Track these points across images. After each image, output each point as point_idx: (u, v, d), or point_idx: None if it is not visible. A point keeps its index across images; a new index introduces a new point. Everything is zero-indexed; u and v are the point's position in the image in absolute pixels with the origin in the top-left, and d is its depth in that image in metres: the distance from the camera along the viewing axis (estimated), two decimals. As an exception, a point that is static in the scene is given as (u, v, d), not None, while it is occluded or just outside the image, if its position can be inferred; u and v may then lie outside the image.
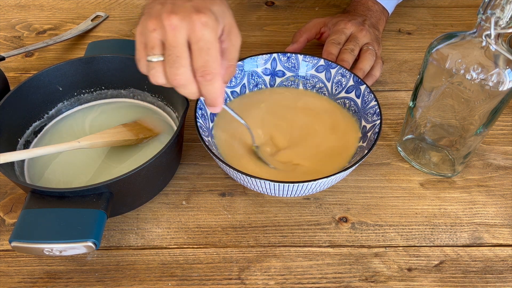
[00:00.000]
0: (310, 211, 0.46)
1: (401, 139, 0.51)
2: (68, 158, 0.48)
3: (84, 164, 0.47)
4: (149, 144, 0.49)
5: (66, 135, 0.50)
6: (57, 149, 0.43)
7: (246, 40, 0.67)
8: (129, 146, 0.49)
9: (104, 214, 0.38)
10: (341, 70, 0.51)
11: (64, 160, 0.47)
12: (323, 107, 0.52)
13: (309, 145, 0.48)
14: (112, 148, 0.48)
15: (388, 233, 0.45)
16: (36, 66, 0.62)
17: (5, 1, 0.73)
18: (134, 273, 0.42)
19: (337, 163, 0.45)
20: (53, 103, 0.51)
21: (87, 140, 0.45)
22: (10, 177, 0.40)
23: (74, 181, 0.46)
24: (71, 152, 0.47)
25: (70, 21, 0.70)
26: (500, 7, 0.36)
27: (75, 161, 0.47)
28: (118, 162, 0.47)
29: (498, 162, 0.51)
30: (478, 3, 0.73)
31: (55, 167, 0.47)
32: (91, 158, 0.48)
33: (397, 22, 0.70)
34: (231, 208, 0.46)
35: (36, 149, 0.42)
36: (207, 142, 0.44)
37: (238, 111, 0.45)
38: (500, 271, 0.42)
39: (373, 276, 0.41)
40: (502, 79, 0.39)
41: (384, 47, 0.65)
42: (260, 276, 0.41)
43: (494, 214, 0.46)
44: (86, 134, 0.49)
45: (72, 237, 0.37)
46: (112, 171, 0.46)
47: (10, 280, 0.41)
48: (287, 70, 0.54)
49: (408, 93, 0.59)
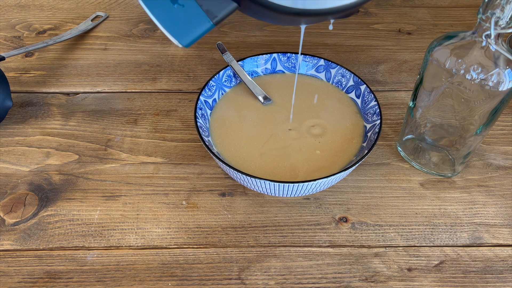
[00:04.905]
0: (310, 211, 0.46)
1: (401, 139, 0.51)
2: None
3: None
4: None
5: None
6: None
7: (246, 40, 0.67)
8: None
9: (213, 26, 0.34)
10: (341, 70, 0.51)
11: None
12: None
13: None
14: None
15: (388, 233, 0.45)
16: (36, 66, 0.62)
17: (5, 1, 0.73)
18: (134, 273, 0.42)
19: (338, 163, 0.46)
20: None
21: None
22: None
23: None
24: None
25: (70, 21, 0.70)
26: (500, 7, 0.36)
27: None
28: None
29: (498, 162, 0.51)
30: (478, 3, 0.74)
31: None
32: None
33: (397, 22, 0.70)
34: (231, 208, 0.46)
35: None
36: (207, 142, 0.44)
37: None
38: (500, 271, 0.42)
39: (373, 276, 0.41)
40: (502, 79, 0.39)
41: (384, 47, 0.65)
42: (260, 276, 0.41)
43: (494, 214, 0.46)
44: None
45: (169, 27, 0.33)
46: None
47: (10, 280, 0.41)
48: (287, 70, 0.54)
49: (408, 93, 0.59)
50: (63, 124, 0.55)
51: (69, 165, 0.50)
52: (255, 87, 0.52)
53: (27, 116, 0.55)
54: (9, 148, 0.52)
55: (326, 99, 0.52)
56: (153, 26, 0.69)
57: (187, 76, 0.61)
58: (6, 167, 0.50)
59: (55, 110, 0.56)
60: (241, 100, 0.52)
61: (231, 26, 0.69)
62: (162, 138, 0.53)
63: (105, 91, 0.59)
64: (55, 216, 0.46)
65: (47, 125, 0.54)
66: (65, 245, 0.43)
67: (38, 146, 0.52)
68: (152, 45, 0.66)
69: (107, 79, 0.61)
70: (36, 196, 0.47)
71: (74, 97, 0.58)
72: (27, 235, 0.44)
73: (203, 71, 0.62)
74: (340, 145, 0.47)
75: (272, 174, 0.44)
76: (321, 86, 0.53)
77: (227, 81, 0.52)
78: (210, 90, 0.50)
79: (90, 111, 0.56)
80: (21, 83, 0.60)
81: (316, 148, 0.47)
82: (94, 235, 0.44)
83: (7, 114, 0.54)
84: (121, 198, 0.47)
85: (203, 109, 0.48)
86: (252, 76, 0.54)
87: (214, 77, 0.50)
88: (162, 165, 0.50)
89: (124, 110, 0.56)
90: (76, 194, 0.47)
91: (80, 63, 0.63)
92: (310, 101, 0.51)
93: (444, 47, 0.41)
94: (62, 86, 0.60)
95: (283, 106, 0.51)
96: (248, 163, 0.45)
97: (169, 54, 0.64)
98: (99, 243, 0.44)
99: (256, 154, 0.46)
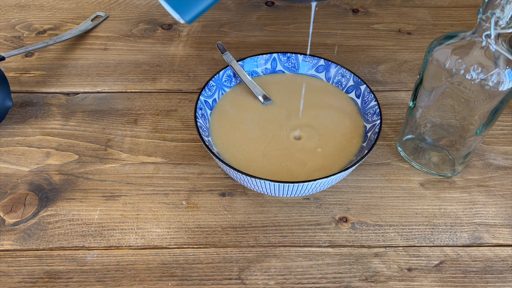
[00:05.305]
0: (310, 211, 0.46)
1: (401, 139, 0.51)
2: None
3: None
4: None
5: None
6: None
7: (246, 40, 0.67)
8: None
9: None
10: (341, 70, 0.51)
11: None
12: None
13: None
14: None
15: (388, 233, 0.45)
16: (36, 66, 0.62)
17: (5, 1, 0.73)
18: (134, 273, 0.42)
19: (337, 163, 0.46)
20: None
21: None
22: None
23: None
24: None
25: (70, 21, 0.70)
26: (500, 7, 0.36)
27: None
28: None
29: (498, 162, 0.51)
30: (478, 3, 0.74)
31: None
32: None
33: (397, 22, 0.70)
34: (231, 208, 0.46)
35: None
36: (207, 142, 0.44)
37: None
38: (500, 271, 0.42)
39: (373, 276, 0.41)
40: (502, 79, 0.39)
41: (384, 47, 0.65)
42: (260, 276, 0.41)
43: (494, 214, 0.46)
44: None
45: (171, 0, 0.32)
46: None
47: (10, 280, 0.41)
48: (287, 70, 0.54)
49: (408, 93, 0.59)
50: (63, 124, 0.55)
51: (69, 165, 0.50)
52: (255, 87, 0.52)
53: (27, 116, 0.56)
54: (9, 148, 0.52)
55: (326, 99, 0.52)
56: (153, 26, 0.69)
57: (187, 76, 0.61)
58: (6, 167, 0.50)
59: (55, 110, 0.56)
60: (241, 100, 0.52)
61: (231, 26, 0.69)
62: (162, 138, 0.53)
63: (105, 91, 0.59)
64: (55, 216, 0.46)
65: (47, 125, 0.54)
66: (65, 245, 0.43)
67: (38, 146, 0.52)
68: (152, 45, 0.66)
69: (107, 79, 0.61)
70: (36, 196, 0.47)
71: (74, 97, 0.58)
72: (27, 235, 0.44)
73: (203, 71, 0.62)
74: (340, 145, 0.47)
75: (273, 174, 0.44)
76: (321, 86, 0.53)
77: (227, 81, 0.52)
78: (210, 90, 0.50)
79: (90, 111, 0.56)
80: (21, 83, 0.60)
81: (317, 147, 0.47)
82: (94, 235, 0.44)
83: (7, 114, 0.54)
84: (121, 198, 0.47)
85: (203, 109, 0.48)
86: (252, 76, 0.54)
87: (214, 77, 0.50)
88: (162, 165, 0.50)
89: (124, 110, 0.56)
90: (76, 194, 0.47)
91: (80, 63, 0.63)
92: (310, 101, 0.51)
93: (444, 47, 0.41)
94: (62, 86, 0.60)
95: (283, 106, 0.51)
96: (250, 163, 0.45)
97: (169, 54, 0.64)
98: (99, 243, 0.44)
99: (258, 154, 0.46)
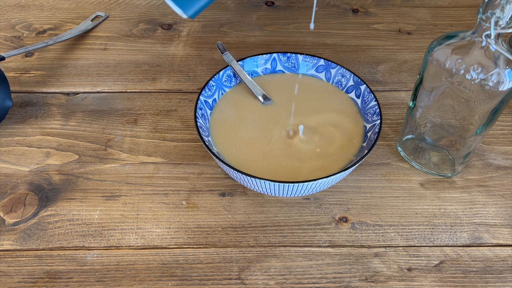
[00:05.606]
0: (310, 211, 0.46)
1: (401, 139, 0.51)
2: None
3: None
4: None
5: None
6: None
7: (246, 40, 0.67)
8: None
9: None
10: (341, 70, 0.51)
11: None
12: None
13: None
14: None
15: (388, 233, 0.45)
16: (36, 66, 0.62)
17: (5, 1, 0.73)
18: (134, 273, 0.42)
19: (337, 163, 0.46)
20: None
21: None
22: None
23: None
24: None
25: (70, 21, 0.70)
26: (500, 7, 0.36)
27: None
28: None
29: (498, 162, 0.51)
30: (478, 3, 0.74)
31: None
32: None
33: (397, 22, 0.70)
34: (231, 208, 0.46)
35: None
36: (207, 142, 0.44)
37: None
38: (500, 271, 0.42)
39: (373, 276, 0.41)
40: (502, 79, 0.39)
41: (384, 47, 0.65)
42: (260, 276, 0.41)
43: (494, 214, 0.46)
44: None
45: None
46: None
47: (10, 280, 0.41)
48: (287, 70, 0.54)
49: (408, 93, 0.59)
50: (63, 124, 0.55)
51: (69, 165, 0.50)
52: (255, 87, 0.52)
53: (27, 116, 0.56)
54: (9, 148, 0.52)
55: (326, 99, 0.52)
56: (153, 26, 0.69)
57: (187, 76, 0.61)
58: (6, 167, 0.50)
59: (55, 110, 0.56)
60: (241, 100, 0.52)
61: (231, 26, 0.69)
62: (162, 138, 0.53)
63: (105, 91, 0.59)
64: (55, 216, 0.46)
65: (47, 125, 0.54)
66: (65, 245, 0.43)
67: (38, 146, 0.52)
68: (152, 45, 0.66)
69: (107, 79, 0.61)
70: (36, 196, 0.47)
71: (74, 97, 0.58)
72: (27, 235, 0.44)
73: (203, 71, 0.62)
74: (340, 145, 0.47)
75: (273, 174, 0.44)
76: (321, 86, 0.53)
77: (227, 81, 0.52)
78: (210, 90, 0.50)
79: (90, 111, 0.56)
80: (21, 83, 0.60)
81: (317, 147, 0.47)
82: (94, 235, 0.44)
83: (7, 114, 0.54)
84: (121, 198, 0.47)
85: (203, 109, 0.48)
86: (252, 76, 0.54)
87: (214, 77, 0.50)
88: (162, 165, 0.50)
89: (124, 110, 0.56)
90: (76, 194, 0.47)
91: (80, 63, 0.63)
92: (310, 101, 0.51)
93: (444, 47, 0.41)
94: (62, 86, 0.60)
95: (283, 106, 0.51)
96: (250, 163, 0.45)
97: (169, 54, 0.64)
98: (99, 243, 0.44)
99: (258, 154, 0.46)
